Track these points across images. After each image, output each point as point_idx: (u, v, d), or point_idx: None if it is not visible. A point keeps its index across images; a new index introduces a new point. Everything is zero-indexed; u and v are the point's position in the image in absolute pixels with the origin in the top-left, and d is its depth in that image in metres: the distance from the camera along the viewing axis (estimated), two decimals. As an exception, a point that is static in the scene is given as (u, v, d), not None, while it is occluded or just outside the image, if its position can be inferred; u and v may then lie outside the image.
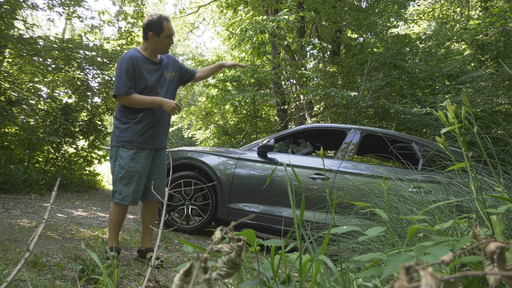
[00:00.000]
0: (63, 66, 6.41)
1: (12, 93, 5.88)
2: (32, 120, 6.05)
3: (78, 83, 7.10)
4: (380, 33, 8.09)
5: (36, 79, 6.64)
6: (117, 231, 2.38)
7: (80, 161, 7.12)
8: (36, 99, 6.42)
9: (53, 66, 6.37)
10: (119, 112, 2.38)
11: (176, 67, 2.56)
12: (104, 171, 10.31)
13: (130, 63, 2.27)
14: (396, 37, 7.91)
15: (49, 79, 6.87)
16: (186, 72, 2.66)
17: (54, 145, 6.21)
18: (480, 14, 7.29)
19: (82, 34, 7.54)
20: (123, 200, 2.30)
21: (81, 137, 6.97)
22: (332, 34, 9.83)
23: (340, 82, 8.97)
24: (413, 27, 11.56)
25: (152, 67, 2.38)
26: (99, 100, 7.52)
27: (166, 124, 2.50)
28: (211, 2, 12.93)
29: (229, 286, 1.64)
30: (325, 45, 7.01)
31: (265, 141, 3.57)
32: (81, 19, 7.16)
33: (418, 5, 12.12)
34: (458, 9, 12.00)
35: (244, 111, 11.02)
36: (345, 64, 9.00)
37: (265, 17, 6.97)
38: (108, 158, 7.51)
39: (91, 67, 6.79)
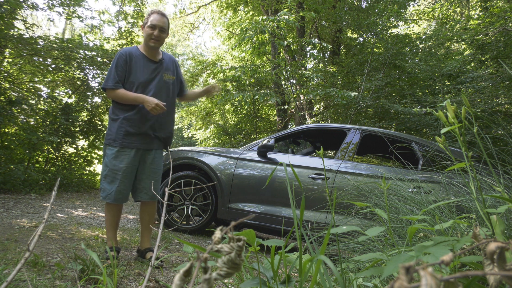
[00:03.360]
0: (63, 66, 6.42)
1: (12, 93, 5.88)
2: (32, 120, 6.05)
3: (78, 83, 7.10)
4: (380, 33, 8.09)
5: (36, 79, 6.64)
6: (114, 230, 2.37)
7: (80, 161, 7.13)
8: (36, 99, 6.43)
9: (53, 66, 6.37)
10: (110, 110, 2.38)
11: (176, 72, 2.53)
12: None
13: (123, 58, 2.28)
14: (396, 37, 7.91)
15: (49, 79, 6.87)
16: (181, 84, 2.61)
17: (54, 145, 6.21)
18: (480, 14, 7.29)
19: (82, 34, 7.55)
20: (106, 198, 2.29)
21: (81, 137, 6.98)
22: (332, 34, 9.83)
23: (340, 82, 8.97)
24: (413, 27, 11.56)
25: (148, 65, 2.35)
26: (99, 100, 7.52)
27: (160, 124, 2.39)
28: (211, 2, 12.93)
29: (229, 286, 1.64)
30: (325, 45, 7.01)
31: (265, 141, 3.57)
32: (81, 19, 7.16)
33: (418, 5, 12.12)
34: (458, 9, 11.99)
35: (244, 111, 11.03)
36: (345, 64, 9.00)
37: (265, 17, 6.97)
38: (108, 158, 7.54)
39: (91, 67, 6.79)
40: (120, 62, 2.27)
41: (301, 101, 8.89)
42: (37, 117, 6.04)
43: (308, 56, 9.46)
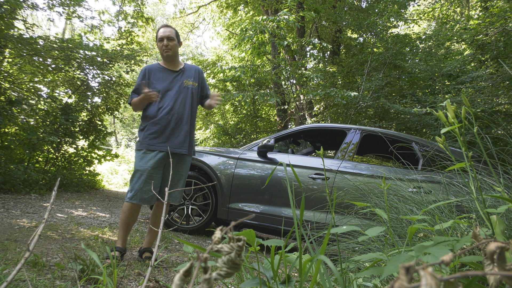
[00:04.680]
0: (63, 66, 6.42)
1: (12, 93, 5.88)
2: (32, 120, 6.05)
3: (78, 83, 7.11)
4: (380, 33, 8.08)
5: (36, 79, 6.64)
6: (124, 231, 2.38)
7: (80, 161, 7.12)
8: (36, 99, 6.42)
9: (53, 66, 6.37)
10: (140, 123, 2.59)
11: (197, 78, 2.60)
12: (104, 171, 10.32)
13: (143, 73, 2.52)
14: (396, 37, 7.91)
15: (49, 79, 6.87)
16: (203, 91, 2.66)
17: (54, 145, 6.21)
18: (480, 14, 7.29)
19: (82, 34, 7.54)
20: (132, 199, 2.36)
21: (81, 137, 6.97)
22: (332, 34, 9.83)
23: (340, 82, 8.96)
24: (413, 27, 11.55)
25: (168, 74, 2.51)
26: (99, 100, 7.52)
27: (180, 130, 2.47)
28: (211, 2, 12.93)
29: (229, 286, 1.64)
30: (325, 45, 7.01)
31: (265, 141, 3.57)
32: (81, 19, 7.16)
33: (418, 5, 12.12)
34: (458, 9, 11.99)
35: (244, 111, 11.02)
36: (345, 64, 8.99)
37: (265, 17, 6.97)
38: (108, 158, 7.55)
39: (91, 67, 6.79)
40: (140, 77, 2.51)
41: (301, 101, 8.89)
42: (37, 117, 6.04)
43: (308, 56, 9.46)
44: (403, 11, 8.91)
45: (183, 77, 2.53)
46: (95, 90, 7.27)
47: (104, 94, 7.42)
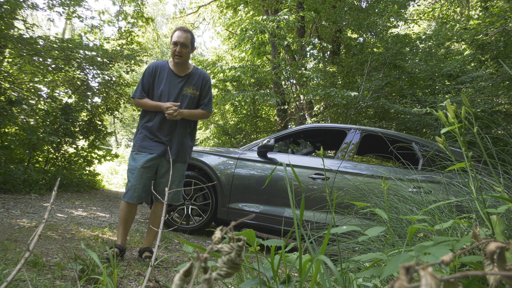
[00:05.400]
0: (63, 66, 6.41)
1: (12, 93, 5.88)
2: (32, 120, 6.04)
3: (78, 83, 7.10)
4: (380, 33, 8.08)
5: (36, 79, 6.63)
6: (123, 229, 2.42)
7: (80, 161, 7.12)
8: (36, 99, 6.42)
9: (53, 66, 6.37)
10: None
11: (200, 86, 2.55)
12: (104, 171, 10.32)
13: (148, 71, 2.50)
14: (396, 37, 7.91)
15: (49, 79, 6.87)
16: (202, 98, 2.59)
17: (54, 145, 6.21)
18: (480, 14, 7.29)
19: (82, 34, 7.54)
20: (124, 197, 2.42)
21: (81, 137, 6.97)
22: (332, 34, 9.83)
23: (340, 82, 8.97)
24: (413, 27, 11.55)
25: (172, 79, 2.49)
26: (99, 100, 7.52)
27: (172, 136, 2.47)
28: (211, 2, 12.92)
29: (229, 286, 1.63)
30: (325, 45, 7.01)
31: (265, 141, 3.57)
32: (81, 19, 7.16)
33: (418, 5, 12.12)
34: (458, 9, 11.98)
35: (244, 111, 11.02)
36: (345, 64, 9.00)
37: (265, 17, 6.97)
38: (108, 158, 7.55)
39: (91, 67, 6.79)
40: (145, 74, 2.50)
41: (301, 101, 8.89)
42: (37, 117, 6.04)
43: (308, 56, 9.46)
44: (403, 11, 8.91)
45: (185, 84, 2.50)
46: (95, 90, 7.27)
47: (104, 94, 7.42)
